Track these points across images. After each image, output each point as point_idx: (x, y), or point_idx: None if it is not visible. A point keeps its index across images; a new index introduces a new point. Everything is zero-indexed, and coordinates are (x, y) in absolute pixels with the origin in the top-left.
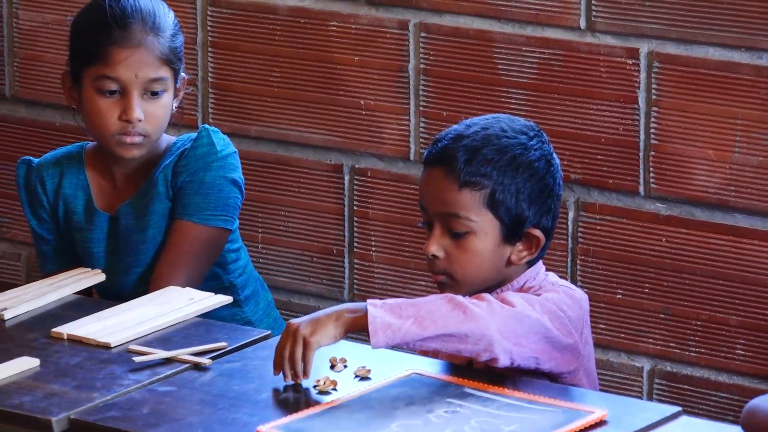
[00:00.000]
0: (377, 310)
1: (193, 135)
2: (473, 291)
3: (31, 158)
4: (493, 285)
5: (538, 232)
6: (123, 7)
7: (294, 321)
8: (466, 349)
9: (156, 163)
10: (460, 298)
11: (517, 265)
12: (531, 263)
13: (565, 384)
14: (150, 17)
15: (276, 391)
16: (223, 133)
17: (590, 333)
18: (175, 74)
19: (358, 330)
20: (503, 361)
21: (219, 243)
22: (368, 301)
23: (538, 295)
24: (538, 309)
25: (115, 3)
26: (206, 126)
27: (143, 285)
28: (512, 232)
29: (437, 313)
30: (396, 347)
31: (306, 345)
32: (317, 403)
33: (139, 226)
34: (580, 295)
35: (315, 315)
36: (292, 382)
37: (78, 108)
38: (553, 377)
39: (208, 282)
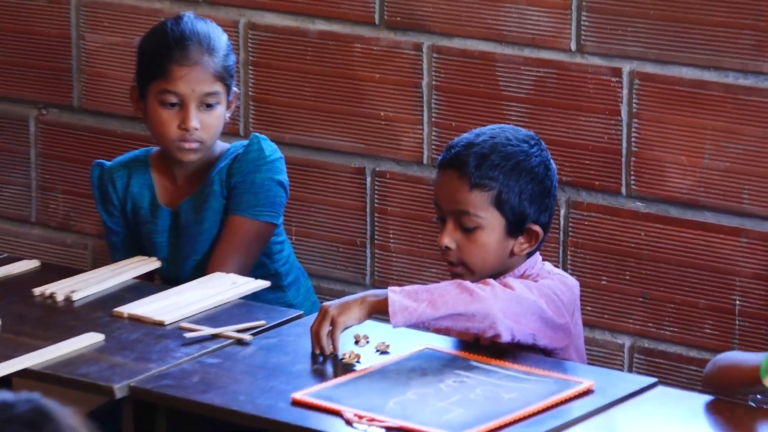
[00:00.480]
0: (396, 296)
1: (245, 142)
2: (481, 278)
3: (104, 161)
4: (498, 273)
5: (537, 228)
6: (182, 30)
7: (326, 304)
8: (473, 327)
9: (212, 165)
10: (467, 283)
11: (518, 256)
12: (530, 254)
13: (558, 358)
14: (205, 40)
15: (308, 363)
16: None
17: (580, 314)
18: (228, 89)
19: (380, 312)
20: (505, 337)
21: (266, 236)
22: (389, 288)
23: (536, 281)
24: (536, 293)
25: (176, 27)
26: (257, 134)
27: (200, 271)
28: (515, 227)
29: (448, 296)
30: (413, 327)
31: (334, 324)
32: (343, 373)
33: (197, 220)
34: (572, 282)
35: (344, 299)
36: (325, 355)
37: (143, 118)
38: (547, 352)
39: (256, 269)
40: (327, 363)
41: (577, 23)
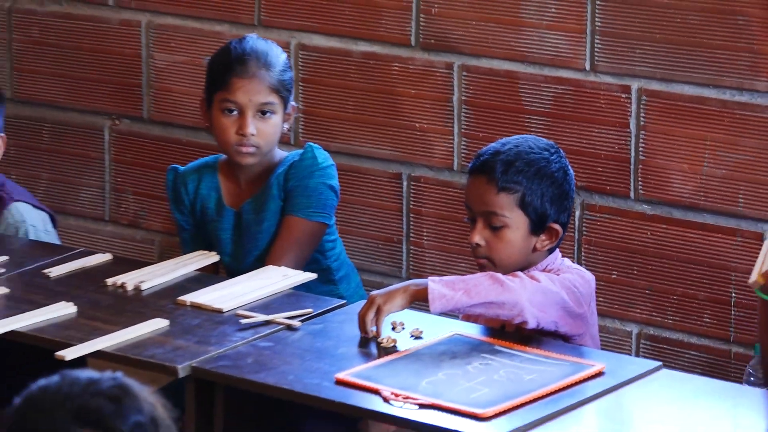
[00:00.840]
0: (435, 285)
1: (301, 150)
2: (506, 271)
3: (178, 166)
4: (522, 267)
5: (557, 226)
6: (243, 48)
7: (373, 293)
8: (503, 314)
9: (271, 171)
10: (498, 275)
11: (540, 252)
12: (551, 251)
13: (575, 344)
14: (263, 56)
15: (350, 346)
16: None
17: (595, 305)
18: (284, 101)
19: (420, 300)
20: (531, 324)
21: (318, 234)
22: (429, 278)
23: (558, 275)
24: (558, 285)
25: (239, 45)
26: (311, 144)
27: (260, 264)
28: (537, 226)
29: (481, 286)
30: (449, 314)
31: (378, 311)
32: (382, 356)
33: (257, 220)
34: (589, 276)
35: (389, 288)
36: (366, 339)
37: (210, 125)
38: (566, 338)
39: (310, 265)
40: (367, 346)
41: (591, 46)
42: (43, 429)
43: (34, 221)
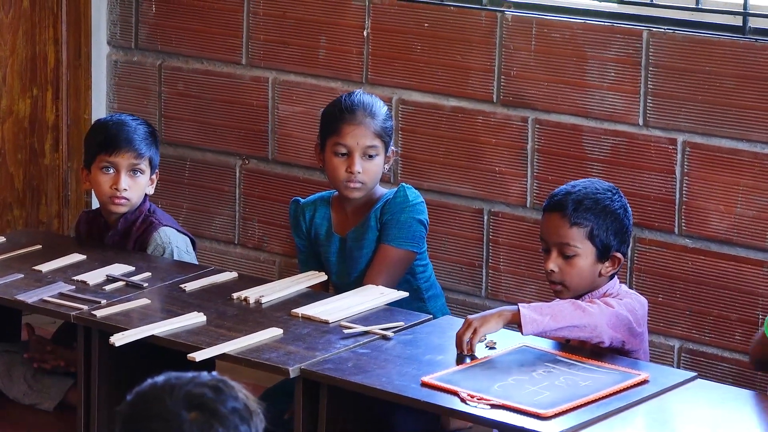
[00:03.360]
0: (526, 311)
1: (395, 189)
2: (575, 294)
3: (299, 198)
4: (588, 290)
5: (619, 255)
6: (352, 100)
7: (470, 317)
8: (583, 336)
9: (372, 206)
10: (579, 302)
11: (604, 276)
12: (611, 276)
13: (633, 358)
14: (369, 107)
15: (435, 354)
16: None
17: (647, 324)
18: (386, 146)
19: (512, 323)
20: (606, 343)
21: (407, 261)
22: (519, 304)
23: (621, 299)
24: (625, 309)
25: (348, 98)
26: (404, 184)
27: (359, 283)
28: (603, 255)
29: (565, 311)
30: (537, 335)
31: (475, 332)
32: (461, 363)
33: (358, 246)
34: (644, 300)
35: (485, 313)
36: (448, 349)
37: (323, 165)
38: (625, 353)
39: (402, 285)
40: (448, 355)
41: (644, 105)
42: (156, 414)
43: (178, 243)
